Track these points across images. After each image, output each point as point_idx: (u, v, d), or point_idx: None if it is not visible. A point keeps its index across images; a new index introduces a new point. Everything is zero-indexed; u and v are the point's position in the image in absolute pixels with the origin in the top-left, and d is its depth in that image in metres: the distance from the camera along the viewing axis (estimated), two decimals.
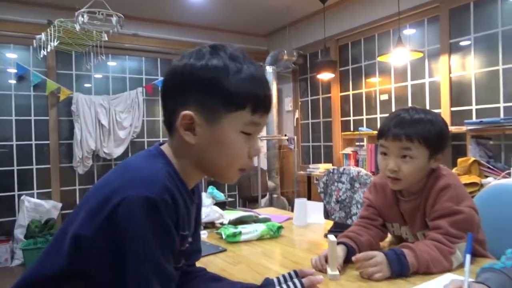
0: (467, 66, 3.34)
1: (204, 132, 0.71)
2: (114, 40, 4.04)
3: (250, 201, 4.19)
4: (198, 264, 1.19)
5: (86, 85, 4.52)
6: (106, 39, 3.53)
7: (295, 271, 0.87)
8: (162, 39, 4.79)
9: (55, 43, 3.32)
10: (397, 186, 1.21)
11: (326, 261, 1.06)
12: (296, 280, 0.77)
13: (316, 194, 3.71)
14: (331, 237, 1.03)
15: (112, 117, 4.38)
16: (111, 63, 4.67)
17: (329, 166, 4.20)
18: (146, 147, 4.82)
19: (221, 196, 1.67)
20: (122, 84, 4.71)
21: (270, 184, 4.65)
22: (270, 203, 4.64)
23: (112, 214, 0.61)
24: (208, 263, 1.22)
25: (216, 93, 0.69)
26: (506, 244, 1.00)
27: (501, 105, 3.09)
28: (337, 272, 1.02)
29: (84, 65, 4.20)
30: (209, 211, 1.62)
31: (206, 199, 1.66)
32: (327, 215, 3.56)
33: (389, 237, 1.39)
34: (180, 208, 0.69)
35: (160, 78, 4.76)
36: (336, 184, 3.45)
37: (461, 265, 1.10)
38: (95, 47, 3.88)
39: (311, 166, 4.51)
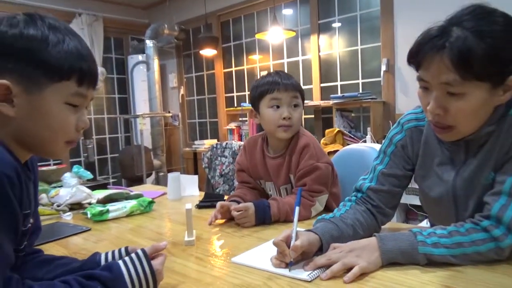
0: (333, 45, 3.67)
1: (25, 103, 0.66)
2: None
3: (135, 181, 4.05)
4: (56, 245, 1.14)
5: None
6: None
7: (125, 248, 0.87)
8: (23, 5, 4.22)
9: None
10: (286, 134, 1.35)
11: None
12: (139, 251, 0.78)
13: (202, 170, 3.76)
14: (188, 205, 1.08)
15: None
16: None
17: (214, 141, 4.28)
18: None
19: (88, 175, 1.58)
20: None
21: (156, 162, 4.55)
22: (157, 182, 4.56)
23: None
24: (68, 244, 1.17)
25: (36, 63, 0.65)
26: None
27: (360, 81, 3.50)
28: (192, 238, 1.08)
29: None
30: (74, 191, 1.53)
31: (71, 179, 1.57)
32: (212, 189, 3.65)
33: None
34: (23, 185, 0.64)
35: None
36: (219, 158, 3.55)
37: (319, 214, 1.29)
38: None
39: (196, 142, 4.55)
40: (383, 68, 3.19)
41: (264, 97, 1.35)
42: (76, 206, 1.55)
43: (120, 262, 0.75)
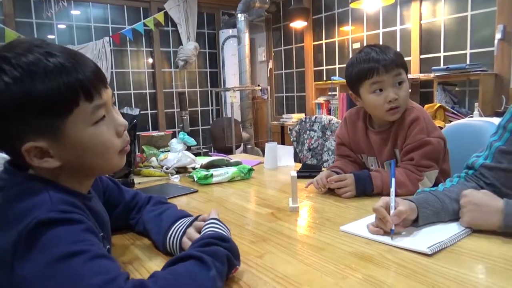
0: (438, 12, 3.35)
1: (60, 149, 0.62)
2: None
3: (224, 152, 4.23)
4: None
5: (49, 36, 4.29)
6: None
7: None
8: None
9: None
10: (396, 116, 1.25)
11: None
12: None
13: (289, 144, 3.78)
14: (293, 173, 1.08)
15: None
16: (75, 12, 4.42)
17: (302, 115, 4.25)
18: (116, 100, 4.71)
19: (192, 141, 1.67)
20: (87, 33, 4.49)
21: (244, 134, 4.68)
22: (245, 153, 4.70)
23: None
24: (180, 202, 1.25)
25: (33, 111, 0.58)
26: None
27: (468, 51, 3.16)
28: (297, 205, 1.09)
29: (45, 12, 3.96)
30: (180, 156, 1.63)
31: (177, 144, 1.67)
32: (299, 162, 3.66)
33: None
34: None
35: (128, 27, 4.56)
36: (308, 132, 3.52)
37: None
38: None
39: (284, 116, 4.56)
40: (498, 36, 2.84)
41: (363, 82, 1.23)
42: (181, 170, 1.66)
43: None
